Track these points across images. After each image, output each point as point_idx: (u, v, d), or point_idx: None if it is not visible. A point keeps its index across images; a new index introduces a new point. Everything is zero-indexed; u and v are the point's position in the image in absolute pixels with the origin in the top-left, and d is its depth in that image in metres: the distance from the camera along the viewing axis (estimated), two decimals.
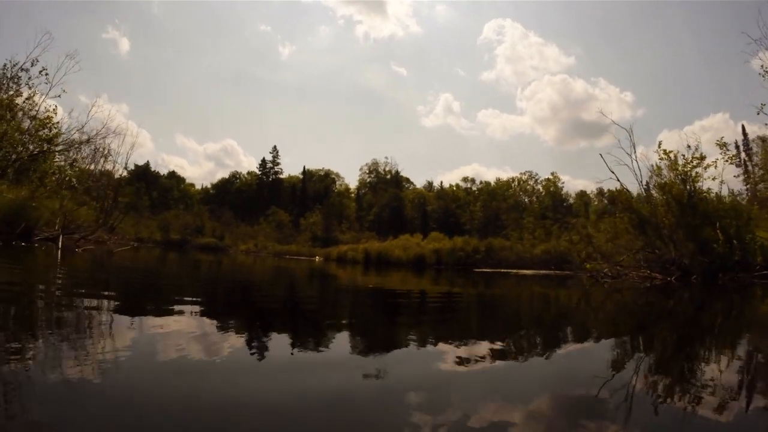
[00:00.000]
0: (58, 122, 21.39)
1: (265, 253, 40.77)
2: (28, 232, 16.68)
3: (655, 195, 19.13)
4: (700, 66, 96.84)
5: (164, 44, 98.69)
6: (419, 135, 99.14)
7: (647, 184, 19.86)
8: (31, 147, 20.22)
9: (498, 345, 4.03)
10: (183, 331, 3.73)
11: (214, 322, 4.42)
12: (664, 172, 18.63)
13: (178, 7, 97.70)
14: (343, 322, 5.37)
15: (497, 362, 3.37)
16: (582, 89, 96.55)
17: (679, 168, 17.90)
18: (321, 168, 73.23)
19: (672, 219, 17.51)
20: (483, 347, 3.84)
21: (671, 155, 18.19)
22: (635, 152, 19.69)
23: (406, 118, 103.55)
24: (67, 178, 22.39)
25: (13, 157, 19.36)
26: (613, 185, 20.69)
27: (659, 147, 18.59)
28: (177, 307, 5.30)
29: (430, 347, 3.94)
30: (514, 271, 25.14)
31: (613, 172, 19.28)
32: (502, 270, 25.59)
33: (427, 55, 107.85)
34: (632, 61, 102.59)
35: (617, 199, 19.87)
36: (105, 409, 1.98)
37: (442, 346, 3.93)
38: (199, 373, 2.68)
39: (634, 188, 20.56)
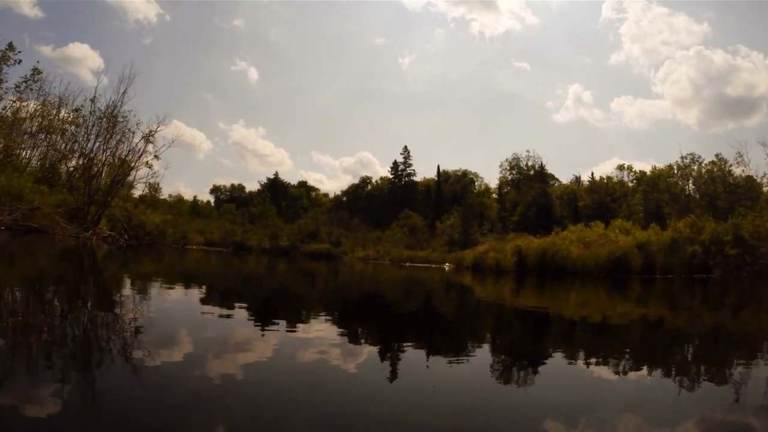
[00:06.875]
0: None
1: (386, 261, 30.35)
2: None
3: None
4: None
5: (288, 68, 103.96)
6: (552, 132, 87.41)
7: None
8: None
9: None
10: (318, 342, 4.06)
11: (345, 338, 4.62)
12: None
13: (294, 32, 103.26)
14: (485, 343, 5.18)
15: None
16: (722, 60, 76.00)
17: None
18: (458, 168, 68.08)
19: None
20: None
21: None
22: None
23: (536, 115, 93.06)
24: None
25: None
26: None
27: None
28: (312, 321, 5.71)
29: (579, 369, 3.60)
30: None
31: None
32: None
33: (548, 46, 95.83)
34: None
35: None
36: (241, 400, 2.42)
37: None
38: (327, 378, 3.04)
39: None
